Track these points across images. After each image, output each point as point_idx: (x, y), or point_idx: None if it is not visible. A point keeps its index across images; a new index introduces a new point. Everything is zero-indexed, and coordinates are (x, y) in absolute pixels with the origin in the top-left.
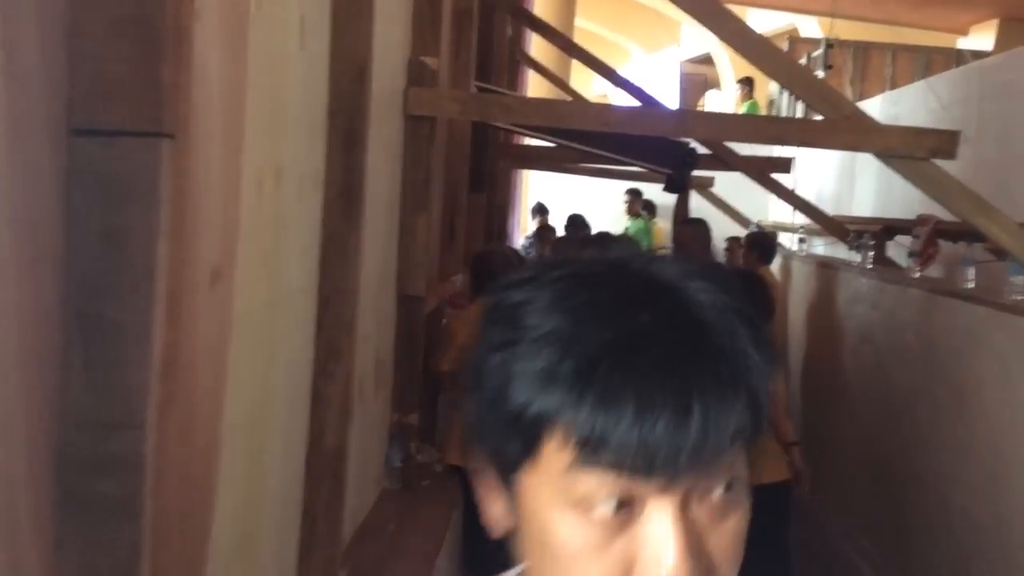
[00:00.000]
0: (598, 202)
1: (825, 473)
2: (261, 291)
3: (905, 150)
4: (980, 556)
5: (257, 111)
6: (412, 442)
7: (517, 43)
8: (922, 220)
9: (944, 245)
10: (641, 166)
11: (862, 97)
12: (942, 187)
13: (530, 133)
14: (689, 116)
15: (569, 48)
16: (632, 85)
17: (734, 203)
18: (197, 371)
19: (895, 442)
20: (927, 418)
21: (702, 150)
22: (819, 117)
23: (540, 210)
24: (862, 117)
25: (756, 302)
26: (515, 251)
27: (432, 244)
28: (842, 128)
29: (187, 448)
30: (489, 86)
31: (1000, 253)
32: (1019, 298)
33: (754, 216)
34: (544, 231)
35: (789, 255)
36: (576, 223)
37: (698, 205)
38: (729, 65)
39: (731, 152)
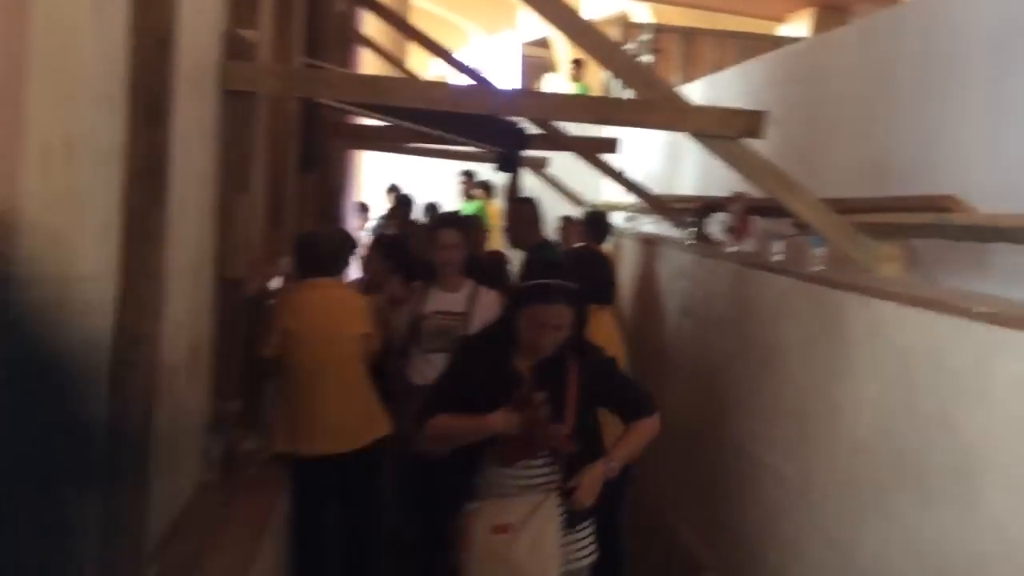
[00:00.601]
0: (436, 183)
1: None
2: (49, 270)
3: (717, 130)
4: (787, 511)
5: (43, 81)
6: (234, 431)
7: (349, 21)
8: (736, 198)
9: (756, 221)
10: (473, 145)
11: (690, 80)
12: (750, 165)
13: (361, 112)
14: (514, 95)
15: (402, 27)
16: (467, 67)
17: (568, 183)
18: None
19: (713, 409)
20: (741, 384)
21: (534, 131)
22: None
23: (393, 190)
24: (678, 98)
25: (602, 277)
26: (347, 233)
27: (256, 225)
28: (659, 108)
29: None
30: (317, 63)
31: (804, 228)
32: (820, 269)
33: (587, 196)
34: (398, 210)
35: (620, 233)
36: (405, 201)
37: (533, 185)
38: (567, 48)
39: (561, 132)
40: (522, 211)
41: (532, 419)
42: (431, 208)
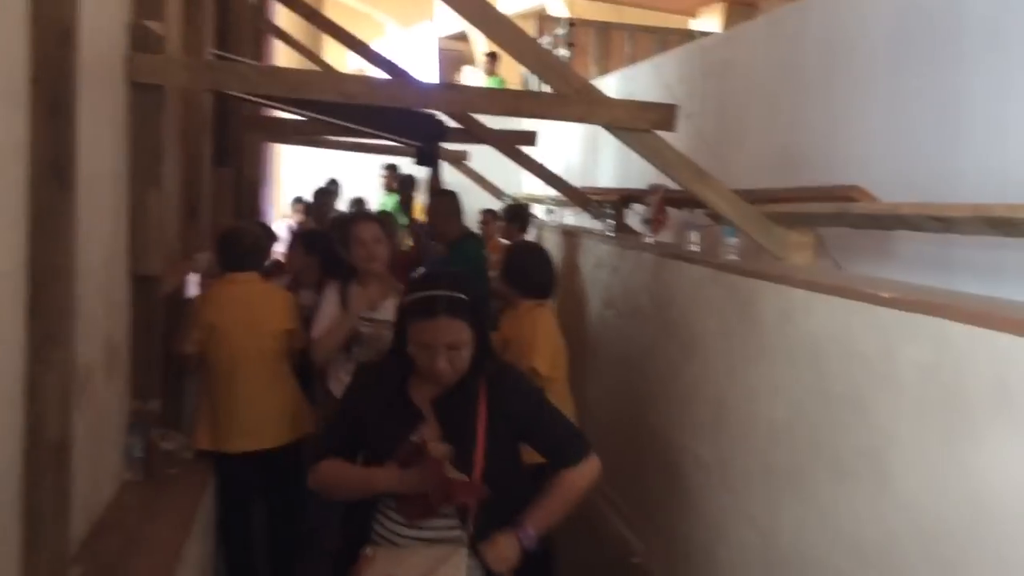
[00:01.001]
0: (356, 177)
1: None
2: None
3: (630, 122)
4: (707, 492)
5: None
6: (154, 429)
7: (262, 13)
8: (653, 190)
9: (673, 212)
10: (392, 139)
11: (605, 74)
12: (664, 157)
13: (277, 105)
14: (429, 88)
15: (314, 19)
16: (383, 59)
17: (489, 176)
18: None
19: (634, 397)
20: (661, 372)
21: (453, 124)
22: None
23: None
24: (591, 91)
25: (547, 271)
26: (266, 227)
27: (170, 220)
28: (573, 101)
29: None
30: (228, 55)
31: (718, 218)
32: (732, 258)
33: (508, 188)
34: (319, 200)
35: (541, 225)
36: (327, 191)
37: (455, 179)
38: (483, 42)
39: (480, 125)
40: (442, 204)
41: (429, 475)
42: (358, 203)
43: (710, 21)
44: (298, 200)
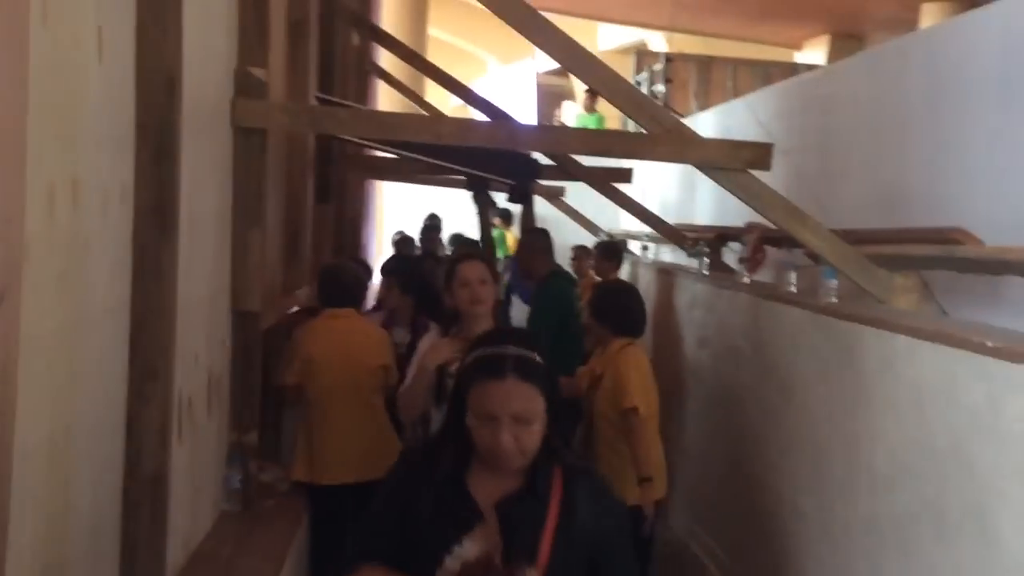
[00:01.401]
0: (455, 212)
1: (671, 472)
2: (57, 312)
3: (723, 162)
4: (805, 544)
5: (46, 124)
6: (252, 461)
7: (366, 54)
8: (749, 228)
9: (771, 251)
10: (485, 177)
11: (706, 108)
12: (759, 196)
13: (376, 145)
14: (519, 129)
15: (413, 60)
16: (481, 99)
17: (585, 212)
18: None
19: (731, 441)
20: (758, 416)
21: (547, 161)
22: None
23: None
24: (682, 130)
25: (637, 309)
26: (365, 264)
27: (272, 257)
28: (663, 141)
29: None
30: (331, 98)
31: (816, 258)
32: (832, 301)
33: (605, 224)
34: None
35: (636, 262)
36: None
37: (550, 214)
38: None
39: (575, 163)
40: (532, 242)
41: None
42: (457, 239)
43: (815, 54)
44: (399, 235)
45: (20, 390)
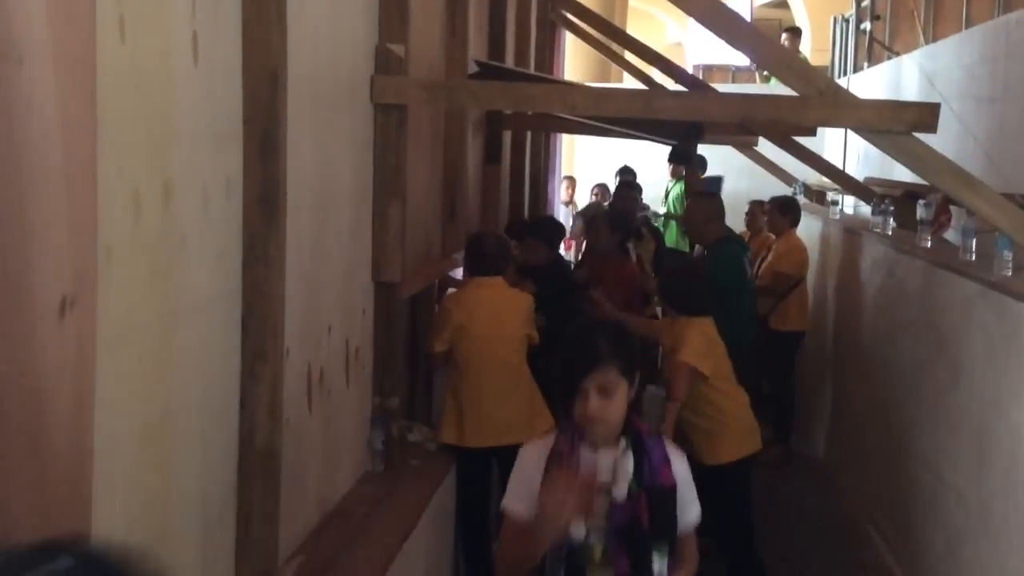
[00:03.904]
0: (642, 162)
1: (846, 443)
2: (149, 306)
3: (882, 125)
4: (965, 535)
5: (129, 134)
6: (395, 424)
7: (548, 5)
8: (935, 188)
9: (957, 212)
10: (645, 139)
11: (935, 41)
12: (923, 161)
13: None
14: (667, 97)
15: (601, 28)
16: (659, 56)
17: (780, 162)
18: (46, 397)
19: (904, 417)
20: (929, 394)
21: None
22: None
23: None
24: (836, 92)
25: (701, 293)
26: (504, 238)
27: (426, 223)
28: (814, 104)
29: (40, 469)
30: (493, 63)
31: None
32: (1007, 274)
33: (800, 175)
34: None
35: (821, 216)
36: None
37: (744, 164)
38: (803, 9)
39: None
40: (701, 207)
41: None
42: (625, 171)
43: None
44: (599, 186)
45: (105, 384)
